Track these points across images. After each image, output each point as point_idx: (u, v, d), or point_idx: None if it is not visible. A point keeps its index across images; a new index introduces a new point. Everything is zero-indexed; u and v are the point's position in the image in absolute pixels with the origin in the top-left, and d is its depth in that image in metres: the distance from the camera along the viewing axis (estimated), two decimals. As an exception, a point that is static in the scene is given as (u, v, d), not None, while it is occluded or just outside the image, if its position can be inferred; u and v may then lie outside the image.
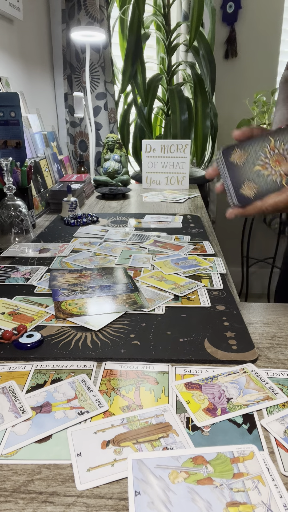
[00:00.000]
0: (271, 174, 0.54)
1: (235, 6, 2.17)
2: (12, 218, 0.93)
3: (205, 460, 0.36)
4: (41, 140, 1.46)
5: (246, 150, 0.54)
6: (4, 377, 0.49)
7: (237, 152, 0.54)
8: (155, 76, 1.96)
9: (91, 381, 0.48)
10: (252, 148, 0.54)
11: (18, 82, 1.50)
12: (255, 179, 0.54)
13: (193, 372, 0.49)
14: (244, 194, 0.54)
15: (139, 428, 0.41)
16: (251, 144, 0.54)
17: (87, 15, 1.79)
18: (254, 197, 0.54)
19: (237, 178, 0.54)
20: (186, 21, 2.00)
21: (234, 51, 2.26)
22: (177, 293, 0.69)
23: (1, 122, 1.08)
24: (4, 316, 0.62)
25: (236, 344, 0.55)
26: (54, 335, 0.57)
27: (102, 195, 1.53)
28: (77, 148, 2.04)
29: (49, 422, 0.42)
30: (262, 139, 0.54)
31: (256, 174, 0.54)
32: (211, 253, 0.88)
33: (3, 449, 0.39)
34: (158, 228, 1.07)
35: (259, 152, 0.54)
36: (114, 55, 1.98)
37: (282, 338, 0.57)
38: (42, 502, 0.34)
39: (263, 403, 0.44)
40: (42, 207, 1.26)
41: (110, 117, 1.96)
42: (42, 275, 0.77)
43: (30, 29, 1.60)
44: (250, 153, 0.54)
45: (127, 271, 0.78)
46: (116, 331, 0.58)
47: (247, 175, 0.54)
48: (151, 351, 0.53)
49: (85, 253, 0.89)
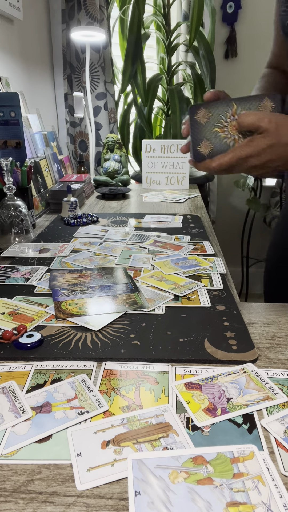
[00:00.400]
0: (226, 137, 0.58)
1: (235, 6, 2.17)
2: (12, 218, 0.93)
3: (205, 460, 0.36)
4: (41, 140, 1.46)
5: (210, 111, 0.58)
6: (4, 377, 0.49)
7: (203, 111, 0.58)
8: (155, 76, 1.96)
9: (91, 381, 0.48)
10: (216, 110, 0.57)
11: (18, 82, 1.50)
12: (212, 139, 0.58)
13: (193, 372, 0.49)
14: (200, 151, 0.58)
15: (139, 428, 0.41)
16: (216, 106, 0.58)
17: (87, 15, 1.79)
18: (207, 155, 0.59)
19: (197, 135, 0.58)
20: (186, 21, 2.00)
21: (234, 51, 2.26)
22: (177, 293, 0.69)
23: (1, 122, 1.08)
24: (4, 316, 0.62)
25: (236, 344, 0.55)
26: (54, 335, 0.57)
27: (102, 195, 1.53)
28: (77, 148, 2.04)
29: (49, 422, 0.42)
30: (227, 103, 0.57)
31: (214, 135, 0.58)
32: (211, 253, 0.88)
33: (3, 449, 0.39)
34: (158, 228, 1.07)
35: (221, 115, 0.57)
36: (114, 55, 1.98)
37: (282, 338, 0.57)
38: (42, 502, 0.34)
39: (263, 403, 0.44)
40: (42, 207, 1.26)
41: (110, 117, 1.96)
42: (42, 275, 0.77)
43: (30, 29, 1.60)
44: (213, 115, 0.58)
45: (127, 271, 0.78)
46: (116, 331, 0.58)
47: (206, 134, 0.58)
48: (151, 351, 0.53)
49: (85, 253, 0.89)
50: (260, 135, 0.57)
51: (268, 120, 0.56)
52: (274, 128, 0.56)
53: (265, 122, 0.56)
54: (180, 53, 2.16)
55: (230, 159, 0.58)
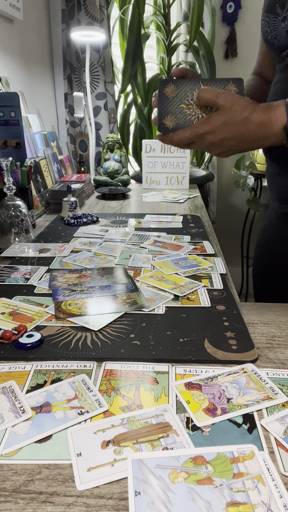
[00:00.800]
0: (190, 115, 0.61)
1: (235, 6, 2.17)
2: (12, 218, 0.93)
3: (205, 460, 0.36)
4: (41, 140, 1.46)
5: (178, 87, 0.60)
6: (4, 377, 0.49)
7: (171, 86, 0.60)
8: (155, 76, 1.96)
9: (91, 381, 0.48)
10: (183, 87, 0.60)
11: (18, 82, 1.50)
12: (177, 115, 0.61)
13: (193, 372, 0.49)
14: (165, 124, 0.61)
15: (139, 428, 0.41)
16: (184, 84, 0.60)
17: (87, 15, 1.79)
18: (171, 129, 0.62)
19: (164, 109, 0.61)
20: (186, 21, 2.00)
21: (234, 51, 2.26)
22: (177, 293, 0.69)
23: (1, 122, 1.08)
24: (4, 316, 0.62)
25: (236, 344, 0.55)
26: (54, 335, 0.57)
27: (102, 195, 1.53)
28: (77, 148, 2.04)
29: (49, 422, 0.42)
30: (195, 82, 0.60)
31: (179, 110, 0.61)
32: (211, 253, 0.88)
33: (3, 449, 0.39)
34: (158, 228, 1.07)
35: (188, 92, 0.60)
36: (114, 55, 1.98)
37: (282, 338, 0.57)
38: (42, 502, 0.34)
39: (263, 403, 0.44)
40: (42, 207, 1.26)
41: (110, 117, 1.96)
42: (42, 275, 0.77)
43: (30, 29, 1.60)
44: (181, 91, 0.60)
45: (127, 271, 0.78)
46: (116, 331, 0.58)
47: (172, 109, 0.61)
48: (151, 351, 0.53)
49: (85, 253, 0.89)
50: (216, 112, 0.60)
51: (224, 97, 0.59)
52: (228, 106, 0.59)
53: (221, 99, 0.59)
54: (180, 53, 2.16)
55: (189, 134, 0.61)
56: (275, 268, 0.93)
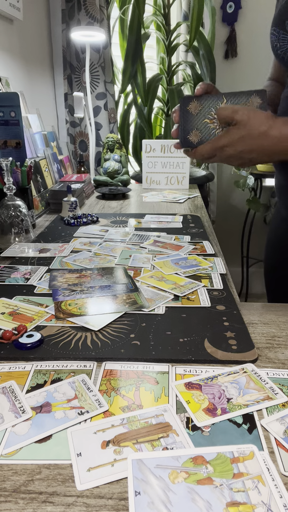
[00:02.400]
0: (215, 128, 0.63)
1: (235, 6, 2.17)
2: (12, 218, 0.93)
3: (205, 460, 0.36)
4: (41, 140, 1.46)
5: (201, 103, 0.62)
6: (4, 377, 0.49)
7: (194, 103, 0.62)
8: (155, 76, 1.96)
9: (91, 381, 0.48)
10: (207, 103, 0.62)
11: (18, 82, 1.50)
12: (201, 129, 0.63)
13: (193, 372, 0.49)
14: (190, 140, 0.64)
15: (139, 428, 0.41)
16: (207, 99, 0.62)
17: (87, 15, 1.79)
18: (196, 143, 0.64)
19: (188, 125, 0.63)
20: (186, 21, 2.00)
21: (234, 51, 2.26)
22: (177, 293, 0.69)
23: (1, 122, 1.08)
24: (4, 316, 0.62)
25: (236, 344, 0.55)
26: (54, 335, 0.57)
27: (102, 195, 1.53)
28: (77, 148, 2.04)
29: (49, 422, 0.42)
30: (217, 97, 0.62)
31: (204, 125, 0.63)
32: (211, 253, 0.88)
33: (3, 449, 0.39)
34: (158, 228, 1.07)
35: (211, 107, 0.62)
36: (114, 55, 1.98)
37: (282, 338, 0.57)
38: (42, 502, 0.34)
39: (263, 403, 0.44)
40: (42, 207, 1.26)
41: (110, 117, 1.96)
42: (42, 275, 0.77)
43: (30, 29, 1.60)
44: (204, 107, 0.62)
45: (127, 271, 0.78)
46: (116, 331, 0.58)
47: (197, 125, 0.63)
48: (151, 351, 0.53)
49: (85, 253, 0.89)
50: (234, 126, 0.61)
51: (242, 113, 0.60)
52: (246, 121, 0.60)
53: (238, 115, 0.60)
54: (180, 53, 2.16)
55: (210, 148, 0.63)
56: (286, 268, 0.93)
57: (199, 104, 0.62)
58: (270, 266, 0.99)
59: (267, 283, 1.02)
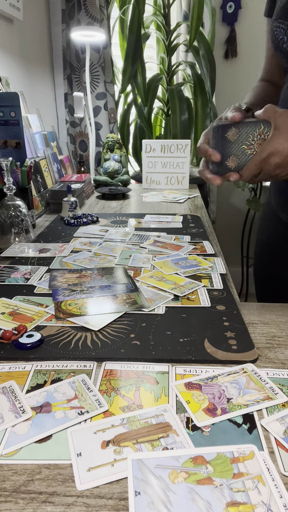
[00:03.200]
0: (252, 154, 0.63)
1: (235, 6, 2.17)
2: (12, 218, 0.93)
3: (205, 460, 0.36)
4: (41, 140, 1.46)
5: (239, 130, 0.63)
6: (4, 377, 0.49)
7: (233, 130, 0.63)
8: (155, 76, 1.96)
9: (91, 381, 0.48)
10: (245, 130, 0.63)
11: (18, 82, 1.50)
12: (239, 155, 0.64)
13: (193, 372, 0.49)
14: (227, 165, 0.65)
15: (139, 428, 0.41)
16: (245, 126, 0.63)
17: (87, 15, 1.79)
18: (233, 168, 0.65)
19: (227, 151, 0.64)
20: (186, 21, 2.00)
21: (234, 51, 2.26)
22: (177, 293, 0.69)
23: (1, 122, 1.08)
24: (4, 316, 0.62)
25: (236, 344, 0.55)
26: (54, 335, 0.57)
27: (102, 195, 1.53)
28: (77, 148, 2.04)
29: (49, 422, 0.42)
30: (255, 123, 0.63)
31: (241, 151, 0.64)
32: (211, 253, 0.88)
33: (3, 449, 0.39)
34: (158, 228, 1.07)
35: (249, 134, 0.63)
36: (114, 55, 1.98)
37: (282, 338, 0.57)
38: (42, 502, 0.34)
39: (263, 403, 0.44)
40: (42, 207, 1.26)
41: (110, 117, 1.96)
42: (42, 275, 0.77)
43: (30, 29, 1.60)
44: (242, 134, 0.63)
45: (127, 271, 0.78)
46: (116, 331, 0.58)
47: (235, 151, 0.64)
48: (151, 351, 0.53)
49: (85, 253, 0.89)
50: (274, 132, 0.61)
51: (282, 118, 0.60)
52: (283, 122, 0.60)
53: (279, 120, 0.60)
54: (180, 53, 2.16)
55: (255, 164, 0.63)
56: (276, 268, 0.93)
57: (237, 131, 0.63)
58: (261, 264, 0.99)
59: (256, 280, 1.02)
